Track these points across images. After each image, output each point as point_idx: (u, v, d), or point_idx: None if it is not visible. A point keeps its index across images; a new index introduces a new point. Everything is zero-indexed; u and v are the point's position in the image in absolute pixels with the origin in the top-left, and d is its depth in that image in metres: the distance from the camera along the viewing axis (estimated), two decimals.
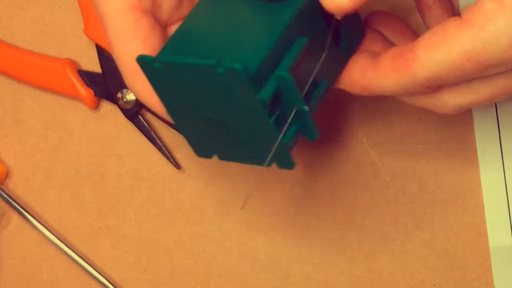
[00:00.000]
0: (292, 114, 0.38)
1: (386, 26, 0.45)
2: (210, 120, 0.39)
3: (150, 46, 0.40)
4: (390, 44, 0.45)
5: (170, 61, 0.37)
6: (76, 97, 0.54)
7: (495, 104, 0.54)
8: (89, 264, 0.53)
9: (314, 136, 0.40)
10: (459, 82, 0.39)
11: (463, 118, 0.54)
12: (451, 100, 0.41)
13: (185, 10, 0.43)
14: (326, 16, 0.40)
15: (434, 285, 0.53)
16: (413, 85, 0.39)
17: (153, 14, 0.42)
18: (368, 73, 0.41)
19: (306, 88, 0.39)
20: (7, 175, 0.55)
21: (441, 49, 0.37)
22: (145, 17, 0.41)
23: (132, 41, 0.41)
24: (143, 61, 0.38)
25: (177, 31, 0.40)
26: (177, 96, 0.39)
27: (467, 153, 0.54)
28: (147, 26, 0.41)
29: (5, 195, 0.54)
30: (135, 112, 0.54)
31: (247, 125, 0.38)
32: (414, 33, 0.45)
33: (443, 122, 0.54)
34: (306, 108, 0.38)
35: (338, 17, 0.39)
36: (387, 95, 0.41)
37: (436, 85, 0.39)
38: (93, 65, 0.55)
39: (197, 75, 0.37)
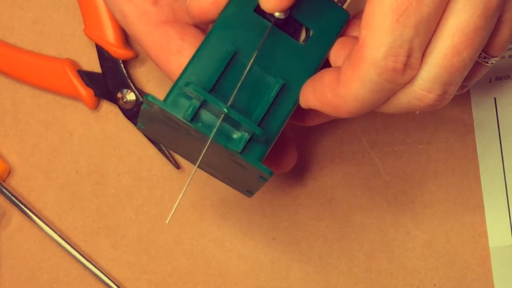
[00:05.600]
0: (221, 117, 0.39)
1: None
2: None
3: (187, 55, 0.42)
4: None
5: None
6: (76, 97, 0.54)
7: (495, 104, 0.54)
8: (90, 262, 0.53)
9: (237, 146, 0.39)
10: (418, 41, 0.36)
11: (463, 118, 0.54)
12: (420, 77, 0.37)
13: None
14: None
15: (434, 285, 0.53)
16: (379, 73, 0.36)
17: (178, 21, 0.43)
18: (336, 88, 0.39)
19: (235, 91, 0.39)
20: (9, 172, 0.55)
21: (376, 16, 0.36)
22: (171, 28, 0.43)
23: (170, 57, 0.42)
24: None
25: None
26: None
27: (467, 153, 0.54)
28: (177, 37, 0.43)
29: (6, 193, 0.54)
30: (135, 112, 0.54)
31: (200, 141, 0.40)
32: None
33: (443, 122, 0.54)
34: (225, 109, 0.38)
35: (282, 16, 0.40)
36: (366, 108, 0.38)
37: (400, 61, 0.36)
38: (93, 65, 0.55)
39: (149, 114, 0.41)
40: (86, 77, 0.54)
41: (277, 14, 0.40)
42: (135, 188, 0.54)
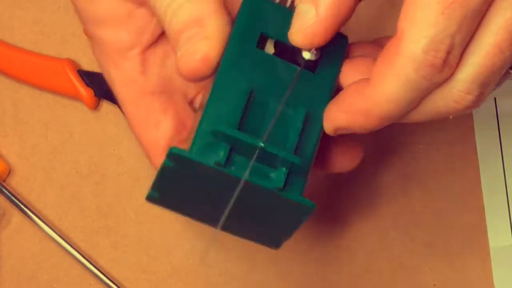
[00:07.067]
0: (255, 154, 0.36)
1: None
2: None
3: (163, 131, 0.41)
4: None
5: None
6: (76, 97, 0.54)
7: (495, 104, 0.54)
8: (90, 262, 0.53)
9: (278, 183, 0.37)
10: (460, 37, 0.35)
11: (463, 118, 0.54)
12: (459, 78, 0.35)
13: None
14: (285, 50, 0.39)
15: (434, 285, 0.53)
16: (416, 69, 0.35)
17: (165, 91, 0.43)
18: (365, 90, 0.36)
19: (270, 126, 0.37)
20: (9, 172, 0.55)
21: (419, 8, 0.34)
22: (156, 100, 0.42)
23: (146, 129, 0.42)
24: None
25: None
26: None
27: (467, 153, 0.54)
28: (159, 109, 0.42)
29: (6, 193, 0.54)
30: None
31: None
32: None
33: (443, 122, 0.54)
34: (262, 144, 0.36)
35: (313, 58, 0.38)
36: (399, 111, 0.36)
37: (440, 56, 0.35)
38: (93, 65, 0.55)
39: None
40: (86, 77, 0.54)
41: (307, 56, 0.39)
42: (135, 188, 0.54)
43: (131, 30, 0.42)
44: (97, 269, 0.53)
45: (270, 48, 0.40)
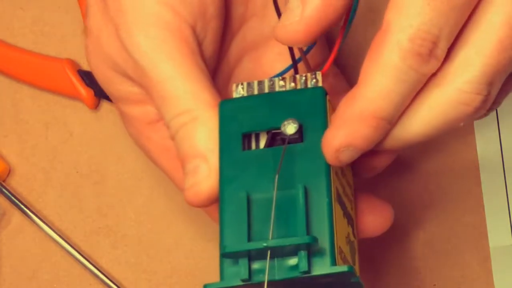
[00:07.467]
0: (268, 254, 0.36)
1: None
2: None
3: None
4: None
5: None
6: (76, 97, 0.54)
7: None
8: (90, 262, 0.53)
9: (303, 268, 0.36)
10: (448, 30, 0.35)
11: None
12: (465, 79, 0.35)
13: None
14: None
15: (434, 285, 0.53)
16: (403, 57, 0.34)
17: None
18: (355, 94, 0.36)
19: (272, 221, 0.37)
20: (9, 172, 0.55)
21: None
22: None
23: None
24: None
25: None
26: None
27: (467, 153, 0.54)
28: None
29: (6, 193, 0.54)
30: None
31: None
32: None
33: None
34: (264, 244, 0.36)
35: (295, 128, 0.37)
36: (392, 107, 0.36)
37: (426, 45, 0.34)
38: None
39: None
40: (86, 77, 0.54)
41: (291, 130, 0.38)
42: (135, 188, 0.54)
43: None
44: (97, 269, 0.53)
45: (263, 140, 0.39)
